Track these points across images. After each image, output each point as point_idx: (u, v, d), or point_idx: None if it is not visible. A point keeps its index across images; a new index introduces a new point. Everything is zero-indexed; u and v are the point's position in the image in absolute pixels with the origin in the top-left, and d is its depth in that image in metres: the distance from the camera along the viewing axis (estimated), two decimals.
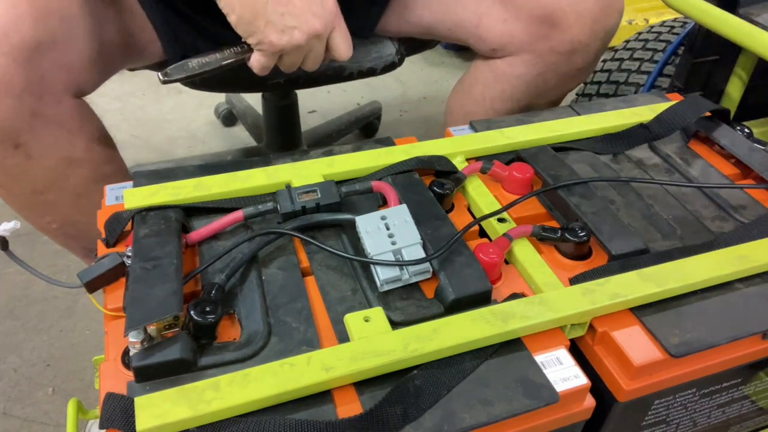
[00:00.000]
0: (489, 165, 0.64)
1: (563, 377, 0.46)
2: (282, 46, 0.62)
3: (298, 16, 0.61)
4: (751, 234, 0.58)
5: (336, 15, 0.65)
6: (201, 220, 0.58)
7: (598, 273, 0.53)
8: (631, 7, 1.99)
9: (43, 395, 0.97)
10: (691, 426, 0.58)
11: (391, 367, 0.45)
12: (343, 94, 1.76)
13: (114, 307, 0.49)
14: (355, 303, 0.51)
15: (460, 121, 0.96)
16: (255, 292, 0.50)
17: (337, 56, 0.68)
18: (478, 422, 0.43)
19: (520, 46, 0.84)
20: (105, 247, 0.55)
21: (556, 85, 0.88)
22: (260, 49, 0.64)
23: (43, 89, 0.64)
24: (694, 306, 0.52)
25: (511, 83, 0.87)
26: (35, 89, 0.63)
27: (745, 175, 0.69)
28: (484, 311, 0.48)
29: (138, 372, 0.44)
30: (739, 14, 0.81)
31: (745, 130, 0.72)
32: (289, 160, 0.64)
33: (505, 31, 0.84)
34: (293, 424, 0.41)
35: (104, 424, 0.41)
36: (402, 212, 0.54)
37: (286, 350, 0.46)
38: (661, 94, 0.79)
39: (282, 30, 0.61)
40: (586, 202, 0.60)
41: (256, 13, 0.60)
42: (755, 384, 0.58)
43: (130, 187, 0.60)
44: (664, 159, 0.70)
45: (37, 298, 1.13)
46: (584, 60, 0.85)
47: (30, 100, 0.63)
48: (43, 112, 0.65)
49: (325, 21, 0.63)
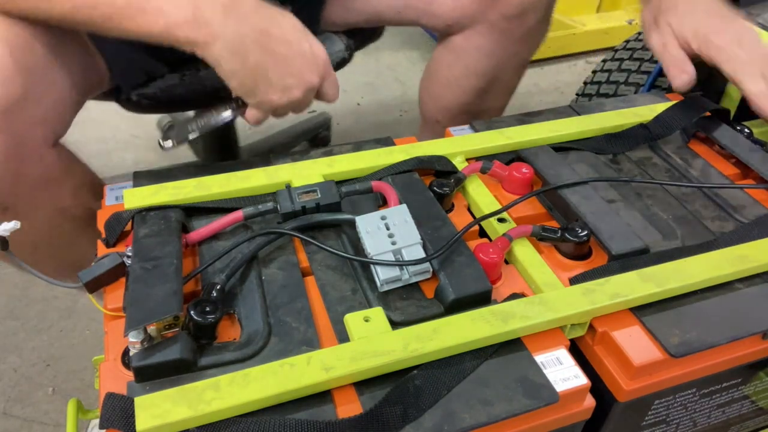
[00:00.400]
0: (489, 165, 0.64)
1: (563, 377, 0.46)
2: (282, 104, 0.63)
3: (297, 75, 0.62)
4: (751, 234, 0.58)
5: (327, 64, 0.65)
6: (201, 220, 0.58)
7: (598, 273, 0.53)
8: (631, 7, 1.99)
9: (43, 395, 0.97)
10: (691, 426, 0.58)
11: (391, 367, 0.45)
12: (343, 95, 1.75)
13: (114, 307, 0.49)
14: (355, 303, 0.51)
15: (434, 110, 0.98)
16: (255, 292, 0.51)
17: (327, 100, 0.68)
18: (478, 422, 0.43)
19: (472, 17, 0.85)
20: (105, 247, 0.55)
21: (516, 51, 0.89)
22: (260, 108, 0.64)
23: (23, 151, 0.61)
24: (694, 306, 0.52)
25: (472, 57, 0.88)
26: (17, 152, 0.60)
27: (745, 175, 0.69)
28: (484, 311, 0.48)
29: (138, 372, 0.44)
30: None
31: (745, 130, 0.72)
32: (289, 160, 0.64)
33: (456, 4, 0.85)
34: (293, 424, 0.41)
35: (104, 424, 0.41)
36: (402, 212, 0.54)
37: (286, 350, 0.46)
38: (661, 94, 0.79)
39: (283, 90, 0.61)
40: (586, 202, 0.60)
41: (258, 78, 0.60)
42: (755, 384, 0.58)
43: (130, 187, 0.60)
44: (664, 159, 0.70)
45: (37, 298, 1.13)
46: (536, 17, 0.86)
47: (13, 164, 0.60)
48: (27, 172, 0.62)
49: (320, 73, 0.63)
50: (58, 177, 0.66)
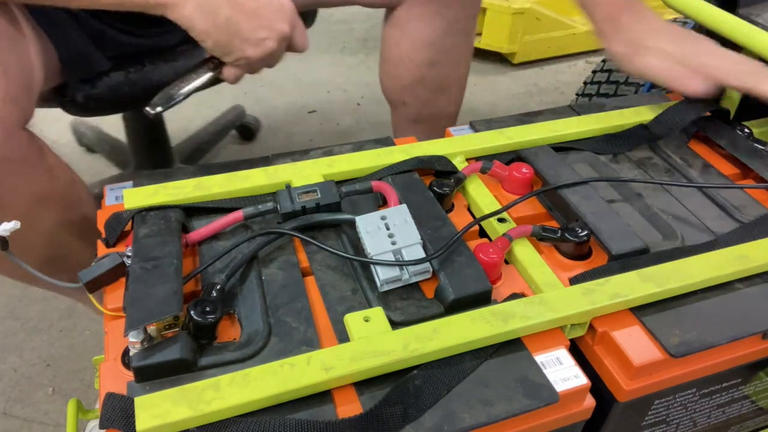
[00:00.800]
0: (489, 165, 0.64)
1: (563, 377, 0.46)
2: (258, 57, 0.64)
3: (267, 27, 0.63)
4: (751, 234, 0.58)
5: (294, 12, 0.66)
6: (201, 220, 0.58)
7: (598, 273, 0.53)
8: None
9: (43, 395, 0.97)
10: (691, 426, 0.58)
11: (391, 367, 0.45)
12: (343, 94, 1.76)
13: (114, 307, 0.49)
14: (355, 303, 0.51)
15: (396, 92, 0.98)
16: (255, 292, 0.51)
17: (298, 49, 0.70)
18: (478, 422, 0.43)
19: None
20: (105, 247, 0.55)
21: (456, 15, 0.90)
22: (237, 64, 0.66)
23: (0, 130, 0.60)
24: (694, 306, 0.52)
25: (417, 27, 0.89)
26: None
27: (745, 175, 0.69)
28: (484, 311, 0.48)
29: (138, 372, 0.44)
30: (739, 14, 0.81)
31: (745, 130, 0.72)
32: (289, 160, 0.64)
33: None
34: (293, 424, 0.41)
35: (104, 424, 0.41)
36: (402, 212, 0.54)
37: (286, 350, 0.46)
38: (661, 94, 0.79)
39: (257, 44, 0.63)
40: (586, 202, 0.60)
41: (231, 34, 0.62)
42: (755, 384, 0.58)
43: (130, 187, 0.60)
44: (664, 159, 0.70)
45: (37, 298, 1.13)
46: None
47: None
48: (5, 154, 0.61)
49: (290, 21, 0.65)
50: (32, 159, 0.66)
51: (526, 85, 1.82)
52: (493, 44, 1.83)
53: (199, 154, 1.42)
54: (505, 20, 1.77)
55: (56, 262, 0.72)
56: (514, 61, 1.87)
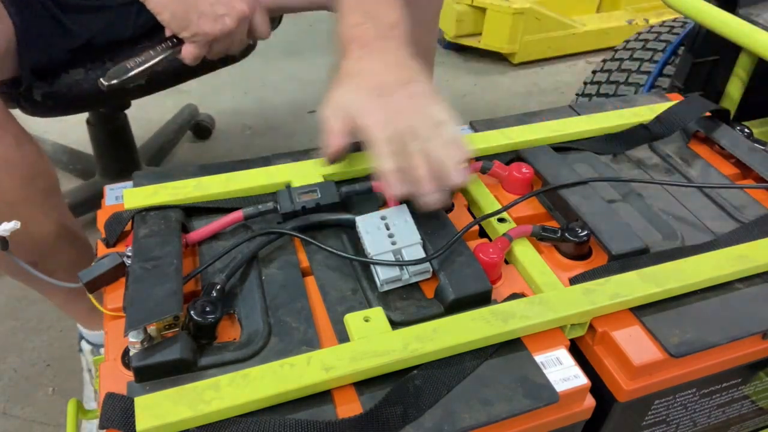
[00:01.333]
0: (489, 165, 0.64)
1: (563, 377, 0.46)
2: (215, 34, 0.65)
3: (226, 4, 0.64)
4: (751, 234, 0.58)
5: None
6: (201, 220, 0.58)
7: (598, 273, 0.53)
8: (631, 7, 1.99)
9: (43, 395, 0.97)
10: (691, 426, 0.58)
11: (391, 367, 0.45)
12: None
13: (114, 307, 0.49)
14: (355, 303, 0.51)
15: None
16: (255, 292, 0.50)
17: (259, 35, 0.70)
18: (478, 422, 0.43)
19: None
20: (105, 247, 0.55)
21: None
22: (194, 40, 0.66)
23: None
24: (694, 306, 0.52)
25: None
26: None
27: (745, 175, 0.69)
28: (484, 311, 0.48)
29: (138, 372, 0.44)
30: (739, 14, 0.81)
31: (745, 130, 0.72)
32: (289, 160, 0.64)
33: None
34: (293, 424, 0.41)
35: (104, 424, 0.41)
36: (402, 212, 0.54)
37: (286, 350, 0.46)
38: (661, 94, 0.79)
39: (214, 19, 0.64)
40: (586, 202, 0.60)
41: (189, 7, 0.63)
42: (755, 384, 0.58)
43: (130, 186, 0.60)
44: (664, 159, 0.70)
45: (37, 298, 1.12)
46: None
47: None
48: None
49: (249, 2, 0.66)
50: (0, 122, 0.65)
51: (526, 85, 1.82)
52: (493, 44, 1.83)
53: (161, 155, 1.41)
54: (505, 20, 1.77)
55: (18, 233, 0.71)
56: (514, 61, 1.87)
